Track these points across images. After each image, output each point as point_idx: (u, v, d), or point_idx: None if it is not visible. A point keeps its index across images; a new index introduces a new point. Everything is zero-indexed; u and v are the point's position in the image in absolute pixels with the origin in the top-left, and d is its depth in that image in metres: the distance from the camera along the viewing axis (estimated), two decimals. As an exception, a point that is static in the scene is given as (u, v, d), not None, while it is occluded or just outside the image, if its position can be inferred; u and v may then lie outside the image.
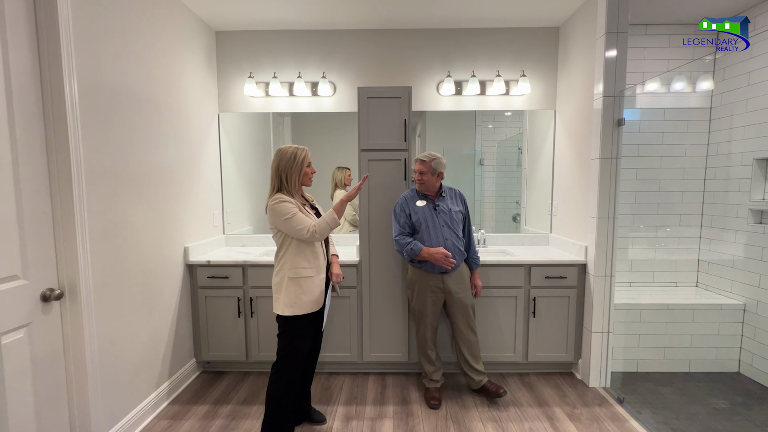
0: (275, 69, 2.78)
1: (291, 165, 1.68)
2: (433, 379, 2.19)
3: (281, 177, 1.69)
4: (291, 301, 1.66)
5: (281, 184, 1.69)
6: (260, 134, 2.91)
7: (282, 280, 1.68)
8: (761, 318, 2.38)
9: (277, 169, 1.69)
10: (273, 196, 1.67)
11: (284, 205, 1.63)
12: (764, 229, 2.37)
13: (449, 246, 2.05)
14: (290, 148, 1.70)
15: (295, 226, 1.63)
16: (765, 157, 2.35)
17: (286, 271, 1.68)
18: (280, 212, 1.63)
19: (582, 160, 2.39)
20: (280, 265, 1.70)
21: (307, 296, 1.68)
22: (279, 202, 1.64)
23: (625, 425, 1.95)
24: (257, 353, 2.43)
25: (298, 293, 1.67)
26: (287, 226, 1.64)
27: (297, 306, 1.67)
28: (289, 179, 1.69)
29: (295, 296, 1.67)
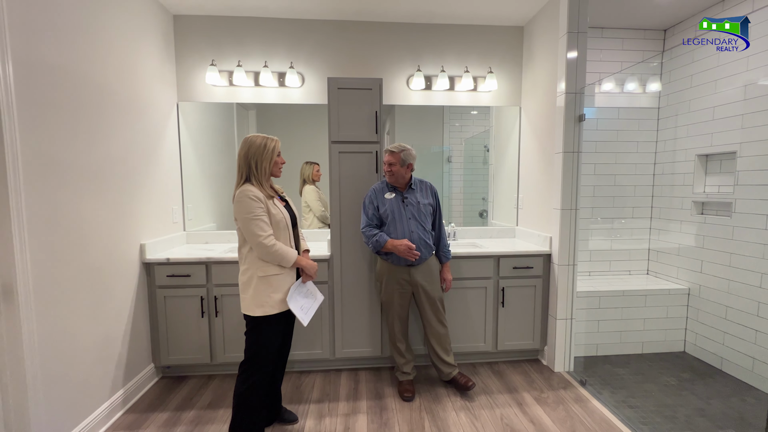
0: (239, 57, 2.66)
1: (261, 152, 1.60)
2: (404, 371, 2.18)
3: (250, 164, 1.59)
4: (261, 301, 1.59)
5: (250, 171, 1.60)
6: (223, 125, 2.77)
7: (250, 279, 1.60)
8: (703, 301, 2.59)
9: (246, 156, 1.60)
10: (241, 187, 1.57)
11: (251, 203, 1.53)
12: (705, 219, 2.58)
13: (415, 239, 2.03)
14: (259, 137, 1.62)
15: (254, 229, 1.53)
16: (705, 153, 2.57)
17: (254, 269, 1.59)
18: (244, 207, 1.54)
19: (546, 155, 2.49)
20: (248, 262, 1.61)
21: (277, 294, 1.61)
22: (247, 197, 1.54)
23: (588, 405, 2.05)
24: (223, 355, 2.31)
25: (269, 292, 1.60)
26: (245, 226, 1.54)
27: (268, 305, 1.59)
28: (259, 167, 1.60)
29: (265, 295, 1.59)
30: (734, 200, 2.37)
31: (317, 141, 2.79)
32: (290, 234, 1.69)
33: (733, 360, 2.39)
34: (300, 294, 1.72)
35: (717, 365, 2.50)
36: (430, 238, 2.11)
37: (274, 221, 1.60)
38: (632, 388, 2.28)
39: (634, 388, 2.28)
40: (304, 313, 1.69)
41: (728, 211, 2.42)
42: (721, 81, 2.45)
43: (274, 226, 1.60)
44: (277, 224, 1.62)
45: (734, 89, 2.38)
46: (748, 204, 2.29)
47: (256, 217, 1.53)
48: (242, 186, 1.58)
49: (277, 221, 1.62)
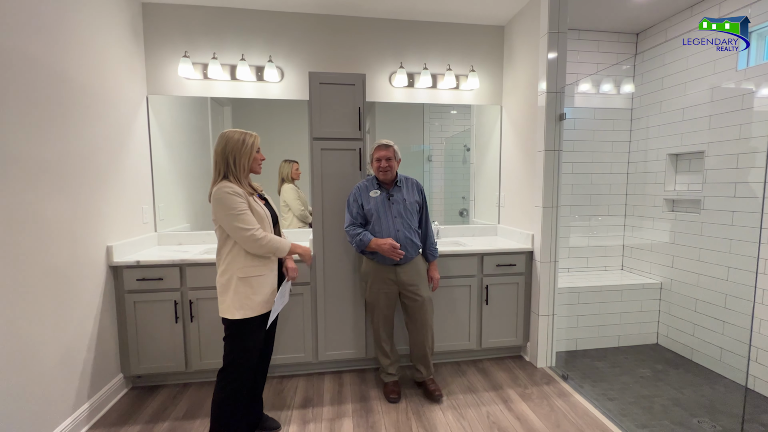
0: (215, 49, 2.54)
1: (239, 148, 1.52)
2: (389, 372, 2.14)
3: (228, 160, 1.51)
4: (241, 303, 1.51)
5: (228, 168, 1.52)
6: (197, 121, 2.64)
7: (230, 281, 1.52)
8: (675, 294, 2.70)
9: (224, 152, 1.51)
10: (219, 184, 1.49)
11: (232, 198, 1.45)
12: (676, 216, 2.69)
13: (401, 237, 1.98)
14: (237, 132, 1.54)
15: (239, 224, 1.46)
16: (676, 153, 2.68)
17: (234, 270, 1.51)
18: (226, 205, 1.45)
19: (527, 153, 2.52)
20: (226, 263, 1.53)
21: (258, 296, 1.54)
22: (226, 193, 1.45)
23: (570, 399, 2.08)
24: (199, 361, 2.19)
25: (249, 294, 1.52)
26: (229, 223, 1.46)
27: (249, 308, 1.52)
28: (238, 163, 1.52)
29: (246, 297, 1.51)
30: (703, 198, 2.48)
31: (297, 138, 2.71)
32: (275, 232, 1.63)
33: (702, 350, 2.50)
34: (284, 296, 1.67)
35: (688, 356, 2.61)
36: (417, 237, 2.06)
37: (257, 217, 1.53)
38: (611, 380, 2.34)
39: (612, 380, 2.34)
40: (274, 315, 1.64)
41: (697, 208, 2.53)
42: (690, 83, 2.56)
43: (257, 221, 1.53)
44: (261, 221, 1.55)
45: (702, 91, 2.49)
46: (716, 201, 2.40)
47: (240, 212, 1.46)
48: (219, 183, 1.49)
49: (261, 218, 1.55)
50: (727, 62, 2.34)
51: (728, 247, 2.33)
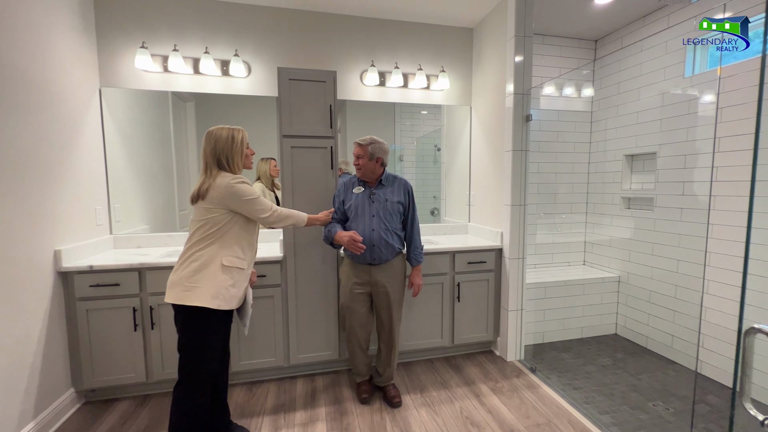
0: (176, 41, 2.40)
1: (231, 147, 1.51)
2: (361, 372, 2.12)
3: (221, 160, 1.51)
4: (218, 292, 1.44)
5: (221, 167, 1.52)
6: (158, 117, 2.49)
7: (207, 265, 1.44)
8: (631, 287, 2.87)
9: (214, 152, 1.50)
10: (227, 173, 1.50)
11: (246, 187, 1.52)
12: (632, 213, 2.86)
13: (374, 237, 1.91)
14: (224, 130, 1.52)
15: (263, 206, 1.56)
16: (631, 153, 2.85)
17: (218, 255, 1.46)
18: (242, 192, 1.49)
19: (496, 153, 2.59)
20: (209, 247, 1.46)
21: (236, 289, 1.51)
22: (243, 182, 1.52)
23: (539, 391, 2.16)
24: (161, 371, 2.06)
25: (229, 284, 1.47)
26: (251, 206, 1.53)
27: (224, 299, 1.46)
28: (231, 162, 1.52)
29: (225, 287, 1.46)
30: (655, 196, 2.65)
31: (267, 135, 2.62)
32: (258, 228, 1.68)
33: (656, 338, 2.68)
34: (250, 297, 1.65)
35: (643, 344, 2.78)
36: (395, 239, 1.98)
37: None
38: (575, 370, 2.45)
39: (577, 370, 2.45)
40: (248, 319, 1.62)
41: (650, 205, 2.71)
42: (643, 89, 2.73)
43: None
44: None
45: (653, 96, 2.67)
46: (666, 199, 2.58)
47: (258, 197, 1.55)
48: (223, 173, 1.50)
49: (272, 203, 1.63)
50: (676, 69, 2.52)
51: (678, 242, 2.51)
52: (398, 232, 2.00)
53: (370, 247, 1.92)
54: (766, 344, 0.68)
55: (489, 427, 1.84)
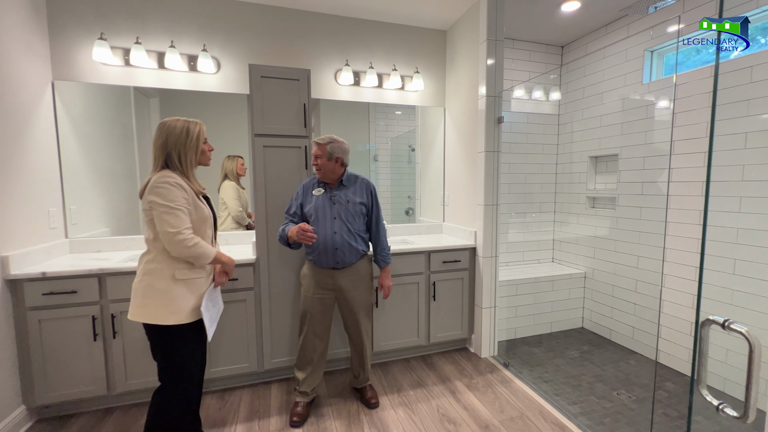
0: (138, 33, 2.28)
1: (185, 141, 1.38)
2: (301, 391, 1.94)
3: (171, 155, 1.37)
4: (174, 307, 1.35)
5: (170, 163, 1.38)
6: (119, 113, 2.35)
7: (159, 277, 1.34)
8: (596, 282, 3.02)
9: (165, 146, 1.37)
10: (162, 171, 1.35)
11: (174, 191, 1.31)
12: (596, 212, 3.01)
13: (338, 240, 1.84)
14: (180, 121, 1.39)
15: (173, 221, 1.30)
16: (595, 155, 2.99)
17: (169, 267, 1.35)
18: (166, 194, 1.30)
19: (469, 154, 2.63)
20: (158, 256, 1.35)
21: (195, 299, 1.41)
22: (169, 183, 1.31)
23: (512, 385, 2.22)
24: (124, 382, 1.95)
25: (185, 297, 1.37)
26: (163, 216, 1.30)
27: (184, 313, 1.37)
28: (184, 159, 1.39)
29: (181, 300, 1.36)
30: (617, 195, 2.80)
31: (237, 133, 2.54)
32: (213, 234, 1.52)
33: (619, 330, 2.83)
34: (211, 301, 1.50)
35: (607, 336, 2.93)
36: (359, 241, 1.91)
37: (200, 217, 1.42)
38: (546, 364, 2.54)
39: (547, 364, 2.55)
40: (211, 324, 1.48)
41: (613, 204, 2.85)
42: (606, 94, 2.88)
43: (199, 222, 1.41)
44: (204, 221, 1.44)
45: (615, 101, 2.81)
46: (627, 198, 2.72)
47: (178, 207, 1.31)
48: (166, 171, 1.35)
49: (204, 217, 1.43)
50: (635, 76, 2.67)
51: (637, 239, 2.66)
52: (362, 234, 1.94)
53: (332, 251, 1.84)
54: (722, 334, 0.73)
55: (465, 423, 1.87)
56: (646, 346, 2.63)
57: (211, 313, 1.49)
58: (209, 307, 1.47)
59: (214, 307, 1.52)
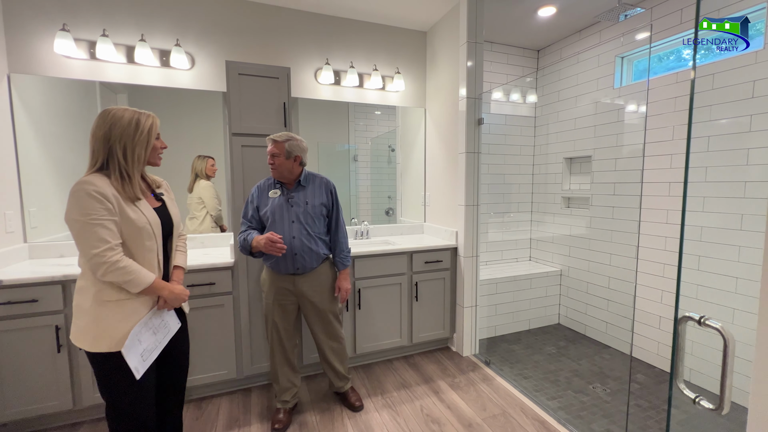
0: (105, 25, 2.16)
1: (133, 134, 1.17)
2: (283, 397, 1.89)
3: (114, 149, 1.15)
4: (102, 332, 1.13)
5: (112, 159, 1.16)
6: (82, 109, 2.21)
7: (86, 297, 1.15)
8: (572, 280, 3.12)
9: (106, 137, 1.14)
10: (83, 177, 1.13)
11: (90, 202, 1.09)
12: (571, 212, 3.11)
13: (297, 244, 1.75)
14: (128, 111, 1.18)
15: (90, 239, 1.08)
16: (570, 156, 3.09)
17: (96, 286, 1.14)
18: (80, 207, 1.09)
19: (450, 155, 2.66)
20: (84, 277, 1.17)
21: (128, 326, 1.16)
22: (86, 193, 1.09)
23: (494, 383, 2.25)
24: (92, 395, 1.84)
25: (119, 319, 1.15)
26: (79, 233, 1.10)
27: (114, 339, 1.14)
28: (130, 155, 1.17)
29: (111, 326, 1.14)
30: (591, 195, 2.90)
31: (211, 132, 2.45)
32: (158, 245, 1.26)
33: (593, 326, 2.93)
34: (149, 330, 1.22)
35: (582, 332, 3.03)
36: (320, 245, 1.83)
37: (132, 228, 1.16)
38: (525, 361, 2.60)
39: (526, 360, 2.61)
40: (142, 360, 1.18)
41: (587, 204, 2.96)
42: (580, 97, 2.98)
43: (131, 234, 1.17)
44: (138, 232, 1.18)
45: (588, 105, 2.92)
46: (600, 198, 2.83)
47: (95, 221, 1.09)
48: (87, 176, 1.13)
49: (138, 228, 1.17)
50: (606, 81, 2.77)
51: (610, 237, 2.76)
52: (323, 236, 1.85)
53: (291, 255, 1.76)
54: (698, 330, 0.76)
55: (449, 422, 1.89)
56: (619, 340, 2.74)
57: (147, 344, 1.20)
58: (143, 339, 1.19)
59: (153, 336, 1.23)
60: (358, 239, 2.78)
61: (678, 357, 0.84)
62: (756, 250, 1.94)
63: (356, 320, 2.35)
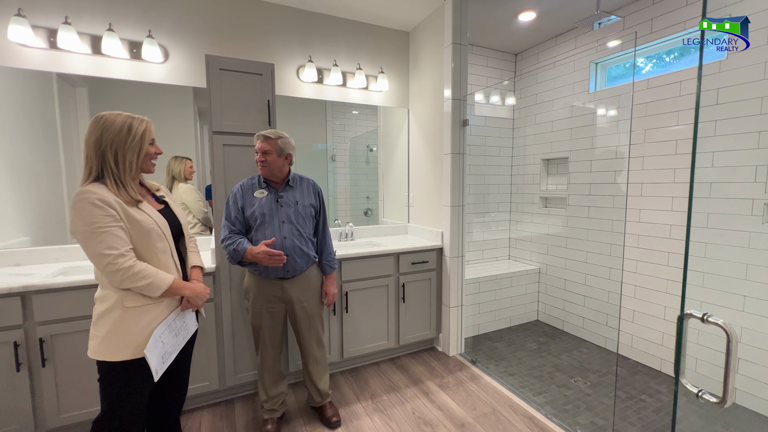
0: (67, 12, 1.98)
1: (125, 140, 1.15)
2: (269, 408, 1.82)
3: (106, 156, 1.14)
4: (128, 339, 1.14)
5: (105, 167, 1.14)
6: (40, 103, 2.02)
7: (110, 307, 1.14)
8: (549, 277, 3.22)
9: (98, 144, 1.13)
10: (82, 187, 1.11)
11: (93, 210, 1.08)
12: (548, 212, 3.21)
13: (288, 246, 1.68)
14: (120, 117, 1.17)
15: (99, 247, 1.08)
16: (547, 158, 3.19)
17: (120, 297, 1.14)
18: (84, 217, 1.07)
19: (435, 156, 2.67)
20: (103, 285, 1.16)
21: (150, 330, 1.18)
22: (87, 202, 1.08)
23: (481, 381, 2.28)
24: (56, 416, 1.68)
25: (141, 327, 1.16)
26: (87, 243, 1.09)
27: (136, 345, 1.15)
28: (122, 161, 1.16)
29: (134, 332, 1.15)
30: (568, 195, 3.01)
31: (186, 132, 2.31)
32: (170, 246, 1.27)
33: (570, 321, 3.04)
34: (171, 332, 1.25)
35: (560, 327, 3.14)
36: (310, 246, 1.78)
37: (140, 230, 1.17)
38: (509, 358, 2.65)
39: (510, 357, 2.66)
40: (162, 362, 1.21)
41: (564, 204, 3.07)
42: (556, 101, 3.08)
43: (141, 237, 1.17)
44: (147, 234, 1.18)
45: (563, 108, 3.02)
46: (576, 198, 2.94)
47: (101, 229, 1.08)
48: (85, 186, 1.11)
49: (147, 230, 1.18)
50: (582, 86, 2.89)
51: (585, 236, 2.88)
52: (311, 238, 1.81)
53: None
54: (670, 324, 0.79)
55: (441, 424, 1.88)
56: (596, 334, 2.86)
57: (168, 346, 1.23)
58: (165, 340, 1.22)
59: (175, 338, 1.26)
60: (342, 241, 2.73)
61: (681, 353, 0.87)
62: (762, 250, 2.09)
63: (343, 324, 2.30)
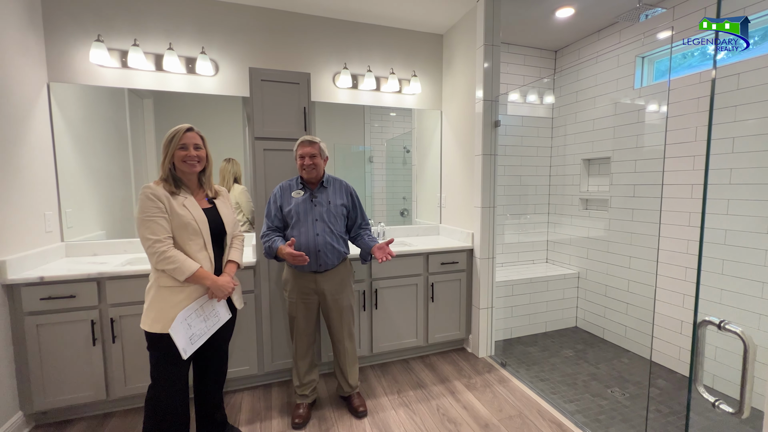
0: (135, 35, 2.26)
1: (165, 146, 1.44)
2: (301, 394, 1.96)
3: (161, 159, 1.46)
4: (157, 315, 1.39)
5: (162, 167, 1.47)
6: (114, 114, 2.33)
7: (152, 287, 1.42)
8: (589, 282, 3.08)
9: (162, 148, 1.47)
10: (148, 183, 1.43)
11: (145, 202, 1.37)
12: (589, 214, 3.07)
13: (320, 242, 1.82)
14: (172, 129, 1.47)
15: (144, 232, 1.36)
16: (588, 158, 3.05)
17: (157, 276, 1.41)
18: (139, 207, 1.38)
19: (466, 157, 2.67)
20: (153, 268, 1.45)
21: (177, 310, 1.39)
22: (144, 195, 1.38)
23: (510, 384, 2.26)
24: (123, 387, 1.94)
25: (171, 305, 1.39)
26: (138, 228, 1.38)
27: (166, 321, 1.37)
28: (162, 162, 1.45)
29: (165, 309, 1.39)
30: (610, 197, 2.86)
31: (235, 137, 2.53)
32: (205, 241, 1.47)
33: (611, 329, 2.89)
34: (199, 317, 1.44)
35: (600, 335, 2.99)
36: (341, 243, 1.90)
37: (179, 223, 1.41)
38: (542, 363, 2.59)
39: (543, 363, 2.60)
40: (190, 343, 1.39)
41: (605, 206, 2.92)
42: (599, 98, 2.94)
43: (179, 228, 1.41)
44: (184, 227, 1.41)
45: (607, 105, 2.88)
46: (619, 200, 2.79)
47: (149, 218, 1.36)
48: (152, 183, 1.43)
49: (184, 224, 1.41)
50: (626, 81, 2.73)
51: (629, 240, 2.72)
52: (343, 235, 1.94)
53: (315, 252, 1.82)
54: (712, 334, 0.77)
55: (465, 422, 1.91)
56: (638, 344, 2.69)
57: (197, 329, 1.42)
58: (193, 323, 1.41)
59: (204, 322, 1.44)
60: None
61: (697, 361, 0.84)
62: (783, 255, 1.89)
63: (373, 320, 2.39)
